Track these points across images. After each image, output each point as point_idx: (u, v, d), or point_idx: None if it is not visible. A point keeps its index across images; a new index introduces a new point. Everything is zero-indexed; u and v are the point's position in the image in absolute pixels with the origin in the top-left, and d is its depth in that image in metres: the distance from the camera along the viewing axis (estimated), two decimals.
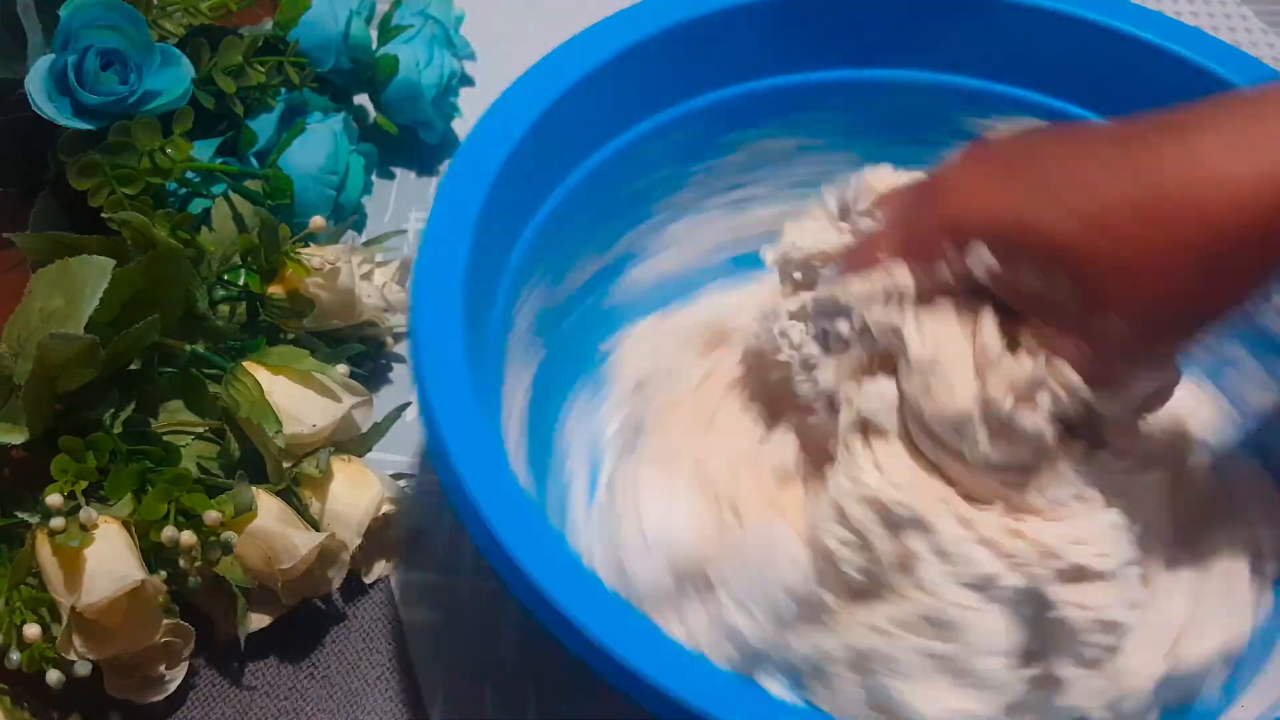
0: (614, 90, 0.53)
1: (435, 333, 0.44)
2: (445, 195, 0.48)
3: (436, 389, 0.42)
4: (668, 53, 0.54)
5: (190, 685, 0.50)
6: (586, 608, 0.37)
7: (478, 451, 0.41)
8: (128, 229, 0.51)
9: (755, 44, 0.55)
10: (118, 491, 0.47)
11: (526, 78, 0.51)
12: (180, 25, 0.59)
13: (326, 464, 0.50)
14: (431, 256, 0.46)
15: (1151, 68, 0.53)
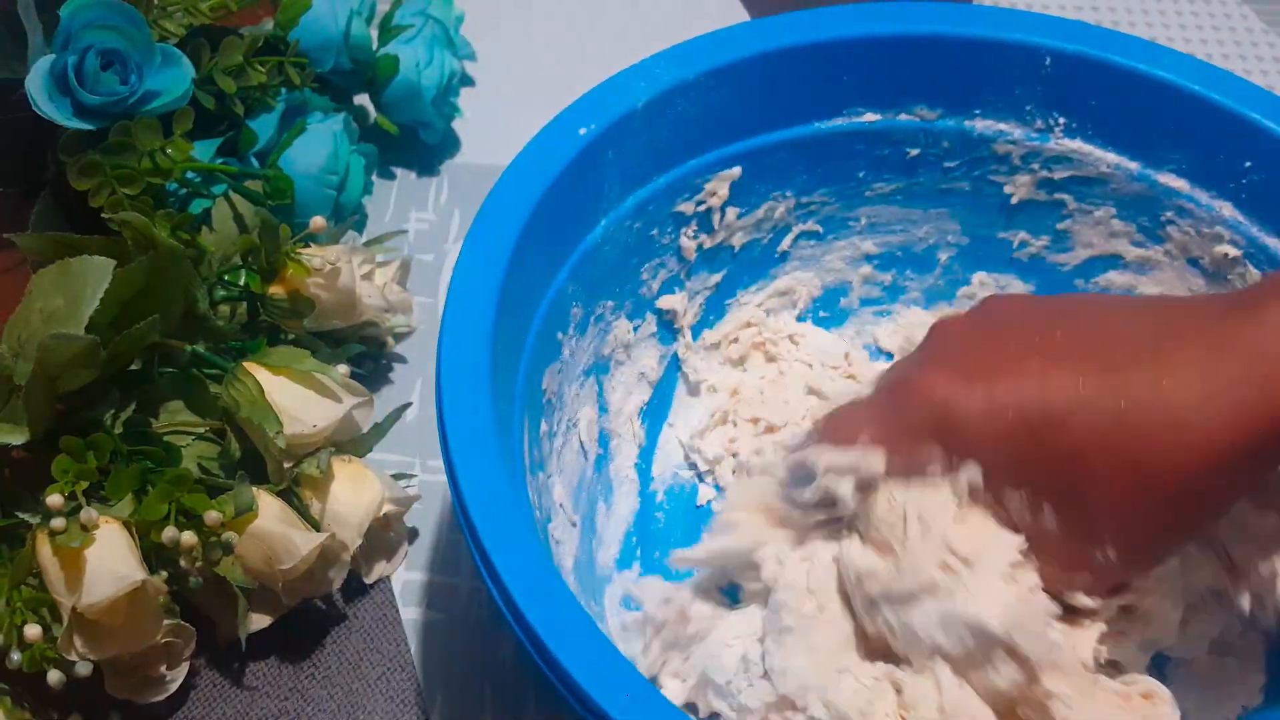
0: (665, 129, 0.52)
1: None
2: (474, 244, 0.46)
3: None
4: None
5: (191, 685, 0.50)
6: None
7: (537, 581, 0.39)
8: (128, 229, 0.51)
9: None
10: (118, 492, 0.47)
11: (563, 118, 0.50)
12: (181, 25, 0.59)
13: (327, 464, 0.50)
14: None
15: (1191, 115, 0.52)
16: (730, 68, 0.51)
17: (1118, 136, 0.53)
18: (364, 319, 0.58)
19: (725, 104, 0.52)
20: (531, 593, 0.38)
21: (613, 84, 0.50)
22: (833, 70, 0.53)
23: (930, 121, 0.54)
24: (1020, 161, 0.55)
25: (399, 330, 0.62)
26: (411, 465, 0.57)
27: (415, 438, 0.58)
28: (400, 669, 0.51)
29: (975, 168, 0.56)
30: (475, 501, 0.40)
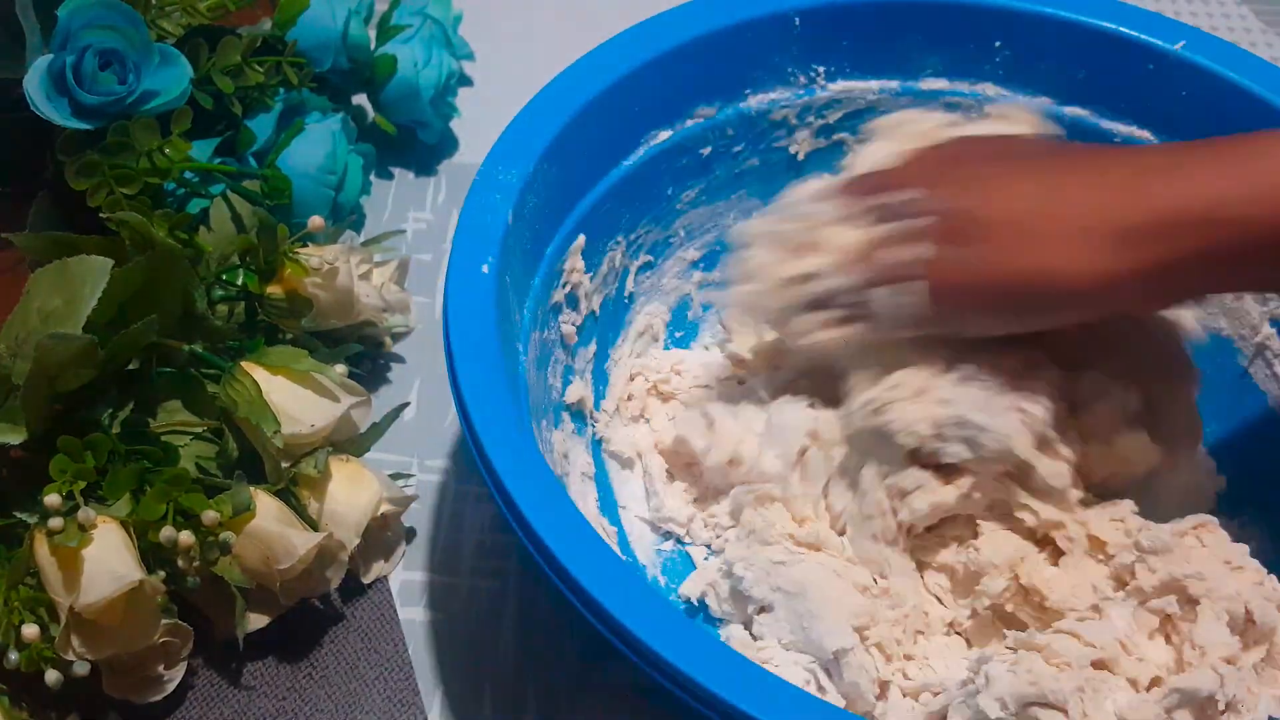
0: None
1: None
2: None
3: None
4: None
5: (189, 685, 0.50)
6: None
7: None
8: (126, 229, 0.51)
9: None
10: (116, 491, 0.47)
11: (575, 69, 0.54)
12: (179, 25, 0.59)
13: (325, 464, 0.50)
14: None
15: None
16: (551, 147, 0.52)
17: (876, 65, 0.58)
18: (362, 319, 0.58)
19: (558, 182, 0.53)
20: (537, 501, 0.40)
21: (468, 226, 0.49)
22: (626, 104, 0.55)
23: (712, 117, 0.58)
24: (796, 120, 0.59)
25: (397, 330, 0.62)
26: (409, 465, 0.57)
27: (413, 437, 0.58)
28: (398, 669, 0.51)
29: (759, 141, 0.60)
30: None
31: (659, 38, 0.55)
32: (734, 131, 0.58)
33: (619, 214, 0.56)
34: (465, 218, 0.48)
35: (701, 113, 0.57)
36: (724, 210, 0.61)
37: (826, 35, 0.57)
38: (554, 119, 0.52)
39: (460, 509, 0.56)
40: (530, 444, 0.42)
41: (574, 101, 0.53)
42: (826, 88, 0.58)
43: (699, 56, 0.56)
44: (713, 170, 0.59)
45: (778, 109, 0.58)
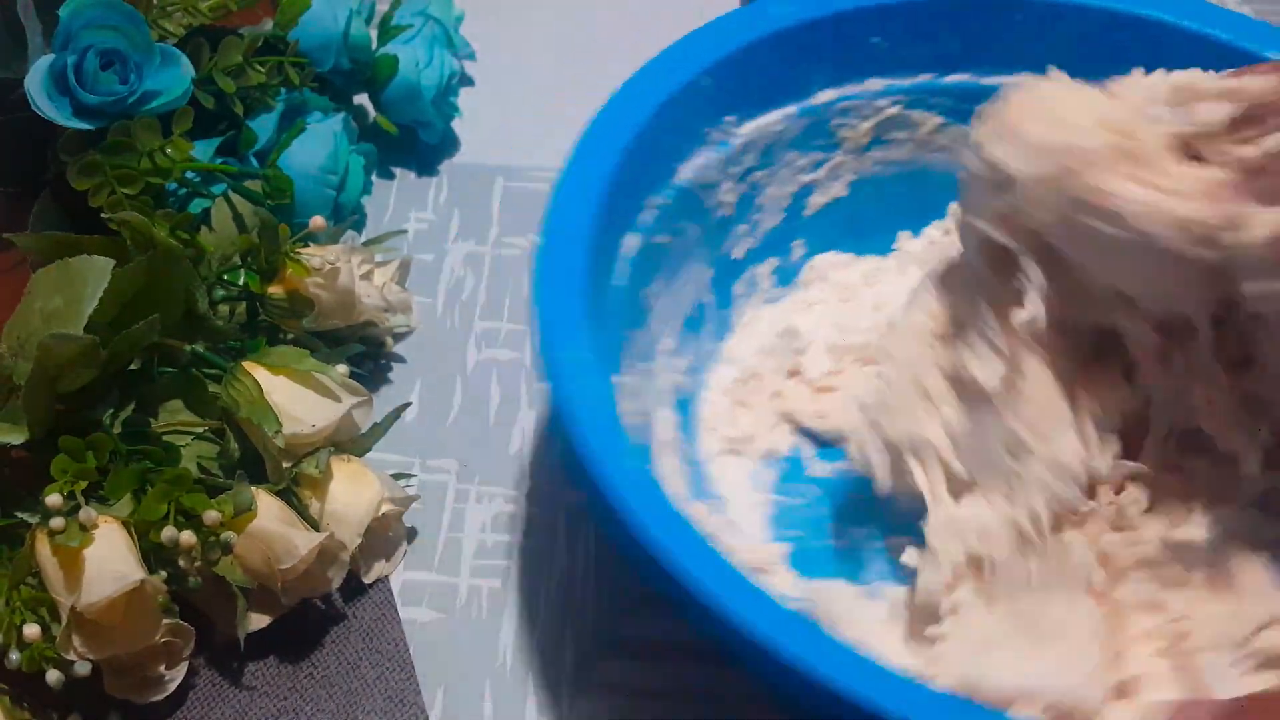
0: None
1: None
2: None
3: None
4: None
5: (190, 685, 0.50)
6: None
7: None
8: (128, 229, 0.51)
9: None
10: (117, 491, 0.47)
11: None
12: (180, 25, 0.59)
13: (326, 464, 0.50)
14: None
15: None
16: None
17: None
18: (363, 319, 0.58)
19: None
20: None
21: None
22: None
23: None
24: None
25: (398, 330, 0.62)
26: (411, 465, 0.57)
27: (415, 437, 0.58)
28: (399, 669, 0.51)
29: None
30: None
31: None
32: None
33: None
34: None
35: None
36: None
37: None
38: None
39: (462, 509, 0.56)
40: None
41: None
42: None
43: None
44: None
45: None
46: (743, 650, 0.38)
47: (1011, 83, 0.44)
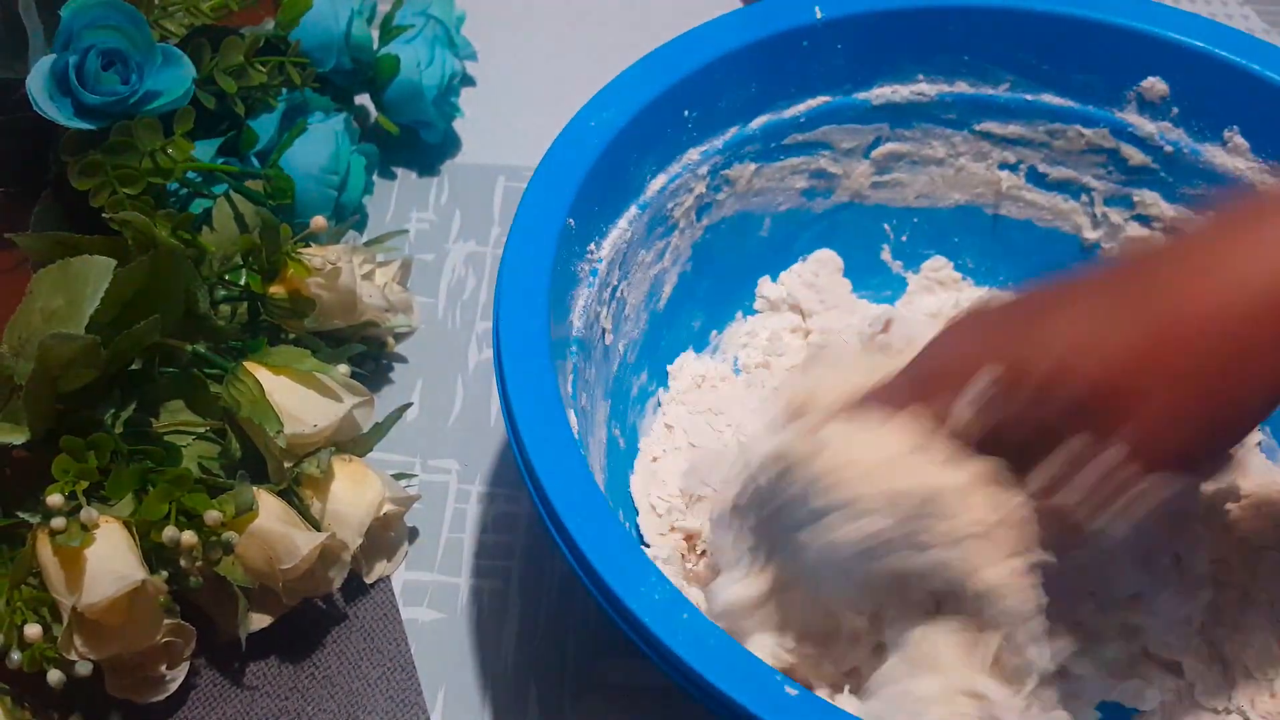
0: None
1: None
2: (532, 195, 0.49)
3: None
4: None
5: (191, 685, 0.50)
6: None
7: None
8: (129, 229, 0.51)
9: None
10: (119, 491, 0.47)
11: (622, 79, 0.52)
12: (181, 25, 0.59)
13: (327, 464, 0.50)
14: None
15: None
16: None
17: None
18: (365, 319, 0.58)
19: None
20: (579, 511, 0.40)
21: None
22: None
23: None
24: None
25: (400, 330, 0.62)
26: (412, 465, 0.57)
27: (416, 437, 0.58)
28: (400, 669, 0.51)
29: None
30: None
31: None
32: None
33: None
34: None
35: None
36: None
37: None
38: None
39: (463, 509, 0.56)
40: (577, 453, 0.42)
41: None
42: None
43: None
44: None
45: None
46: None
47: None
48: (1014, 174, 0.59)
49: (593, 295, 0.50)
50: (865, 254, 0.62)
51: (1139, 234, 0.58)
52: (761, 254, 0.61)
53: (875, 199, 0.61)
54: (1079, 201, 0.59)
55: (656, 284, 0.56)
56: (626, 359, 0.55)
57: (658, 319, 0.57)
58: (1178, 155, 0.56)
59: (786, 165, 0.58)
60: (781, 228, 0.60)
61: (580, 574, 0.40)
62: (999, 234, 0.61)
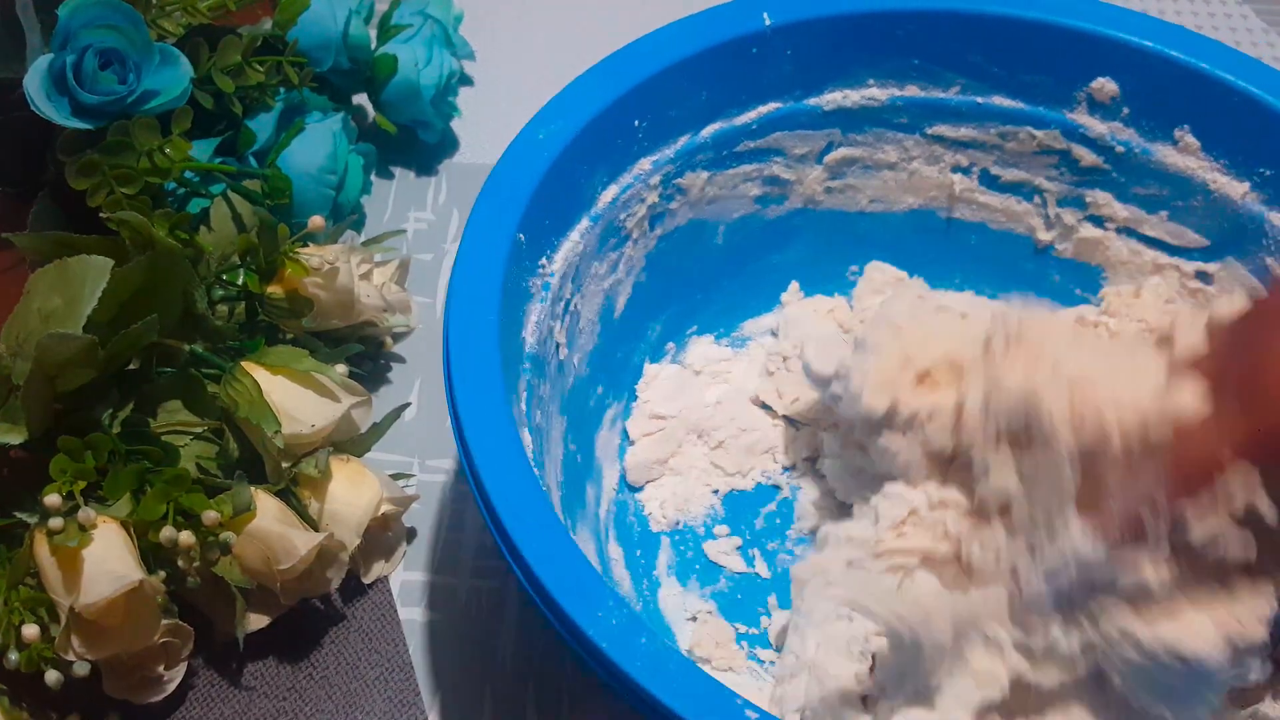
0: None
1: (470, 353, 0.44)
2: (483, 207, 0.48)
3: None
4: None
5: (189, 685, 0.50)
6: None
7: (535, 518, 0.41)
8: (126, 229, 0.51)
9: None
10: (116, 491, 0.47)
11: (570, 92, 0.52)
12: (179, 25, 0.58)
13: (325, 464, 0.50)
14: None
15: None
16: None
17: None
18: (362, 319, 0.58)
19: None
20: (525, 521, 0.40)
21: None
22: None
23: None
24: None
25: (398, 330, 0.62)
26: (410, 465, 0.57)
27: (414, 438, 0.58)
28: (399, 669, 0.51)
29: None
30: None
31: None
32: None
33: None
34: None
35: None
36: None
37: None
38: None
39: (461, 509, 0.56)
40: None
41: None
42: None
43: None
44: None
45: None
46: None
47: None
48: (967, 177, 0.59)
49: (545, 310, 0.50)
50: (821, 260, 0.62)
51: (1092, 235, 0.58)
52: (717, 262, 0.60)
53: (829, 204, 0.61)
54: (1032, 203, 0.59)
55: (611, 295, 0.56)
56: (581, 372, 0.54)
57: (613, 330, 0.56)
58: (1129, 155, 0.56)
59: (739, 173, 0.58)
60: (736, 235, 0.60)
61: (538, 602, 0.39)
62: (953, 237, 0.61)
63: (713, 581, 0.54)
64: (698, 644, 0.51)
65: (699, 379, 0.60)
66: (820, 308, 0.61)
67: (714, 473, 0.57)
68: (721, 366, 0.61)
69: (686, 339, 0.61)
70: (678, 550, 0.55)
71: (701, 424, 0.58)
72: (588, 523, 0.53)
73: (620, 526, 0.55)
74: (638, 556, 0.55)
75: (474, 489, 0.42)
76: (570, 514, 0.50)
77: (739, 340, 0.62)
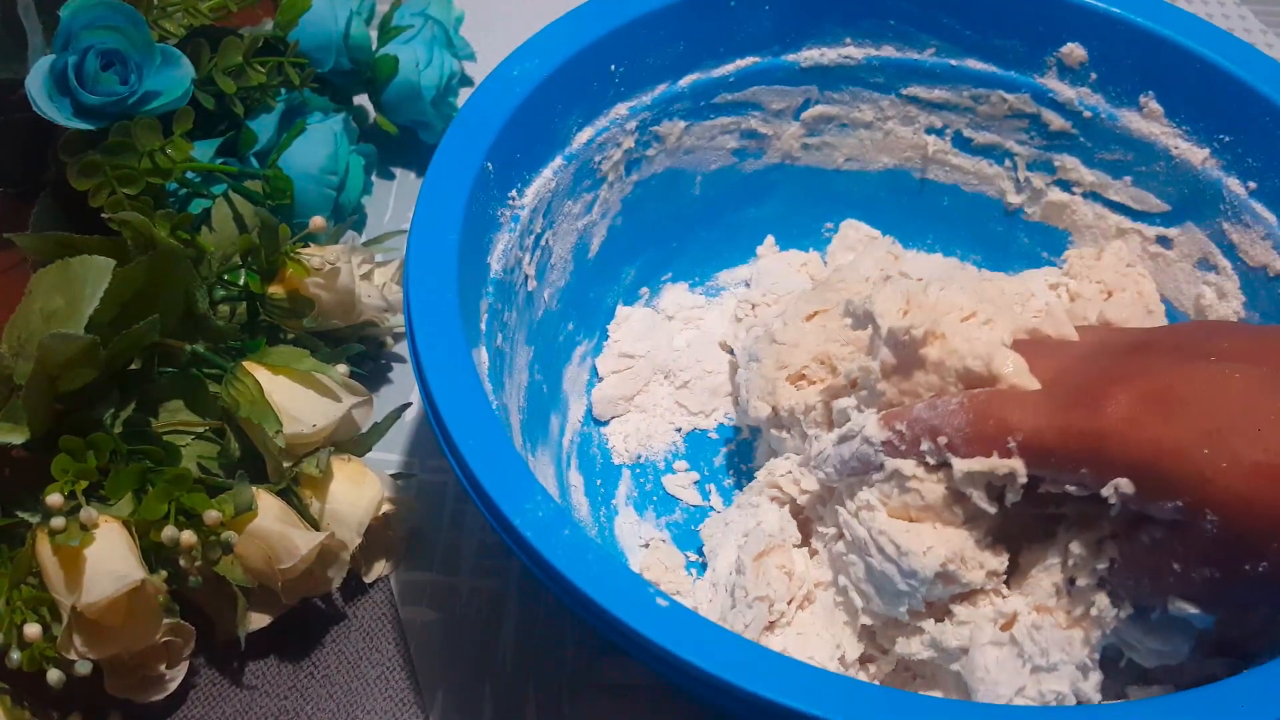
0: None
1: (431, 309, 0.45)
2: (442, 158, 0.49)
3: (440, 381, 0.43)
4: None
5: (190, 684, 0.50)
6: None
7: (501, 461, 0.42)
8: (128, 229, 0.51)
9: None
10: (118, 491, 0.47)
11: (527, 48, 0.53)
12: (180, 26, 0.59)
13: (326, 464, 0.50)
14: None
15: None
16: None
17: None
18: (363, 319, 0.58)
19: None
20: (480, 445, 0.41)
21: None
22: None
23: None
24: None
25: (398, 330, 0.62)
26: (411, 465, 0.58)
27: (415, 437, 0.58)
28: (399, 668, 0.51)
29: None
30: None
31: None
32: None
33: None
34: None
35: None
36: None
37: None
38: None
39: (461, 509, 0.56)
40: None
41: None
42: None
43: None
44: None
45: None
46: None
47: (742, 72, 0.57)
48: (940, 138, 0.60)
49: (514, 240, 0.51)
50: (796, 215, 0.63)
51: (1059, 199, 0.59)
52: (694, 212, 0.61)
53: (805, 161, 0.61)
54: (1003, 166, 0.60)
55: (585, 235, 0.57)
56: (552, 307, 0.56)
57: (587, 270, 0.58)
58: (1096, 120, 0.56)
59: (716, 124, 0.59)
60: (713, 187, 0.61)
61: (470, 491, 0.41)
62: (926, 198, 0.62)
63: (669, 513, 0.56)
64: (647, 568, 0.52)
65: (671, 324, 0.62)
66: (794, 261, 0.62)
67: (678, 411, 0.59)
68: (694, 313, 0.62)
69: (661, 285, 0.63)
70: (637, 482, 0.57)
71: (669, 365, 0.60)
72: (549, 449, 0.54)
73: (583, 457, 0.57)
74: (598, 485, 0.56)
75: (421, 389, 0.43)
76: (531, 439, 0.52)
77: (713, 289, 0.64)
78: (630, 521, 0.55)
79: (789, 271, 0.61)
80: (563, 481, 0.54)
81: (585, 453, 0.57)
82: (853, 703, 0.36)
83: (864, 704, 0.36)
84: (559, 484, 0.54)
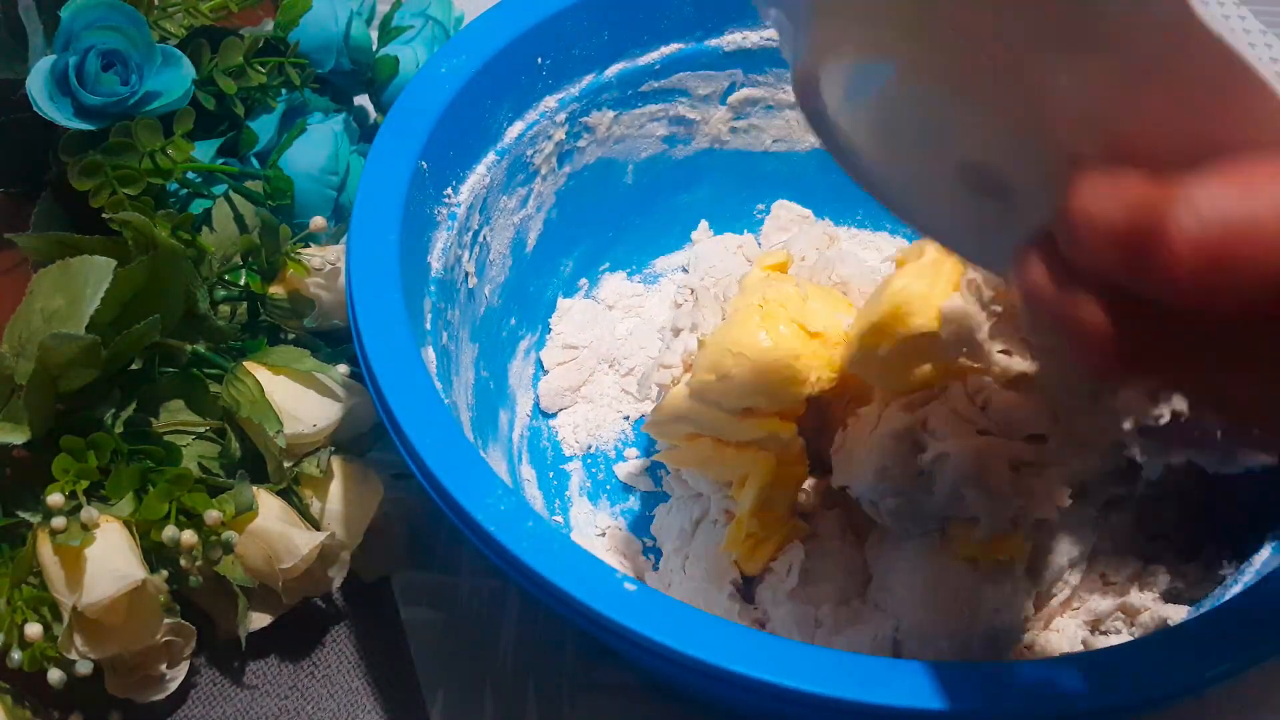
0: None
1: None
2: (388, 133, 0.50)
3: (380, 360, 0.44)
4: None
5: (191, 684, 0.50)
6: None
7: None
8: (129, 229, 0.51)
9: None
10: (119, 491, 0.47)
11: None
12: (181, 26, 0.59)
13: (327, 463, 0.50)
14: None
15: None
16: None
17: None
18: None
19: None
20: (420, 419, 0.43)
21: None
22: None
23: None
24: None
25: None
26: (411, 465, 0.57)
27: None
28: (400, 668, 0.51)
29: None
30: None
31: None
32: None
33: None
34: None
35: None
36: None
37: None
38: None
39: None
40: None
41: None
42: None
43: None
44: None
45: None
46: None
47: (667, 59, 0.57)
48: None
49: (452, 238, 0.51)
50: (729, 198, 0.64)
51: None
52: (627, 201, 0.62)
53: (734, 144, 0.62)
54: None
55: (522, 230, 0.57)
56: (494, 303, 0.56)
57: (525, 264, 0.58)
58: None
59: (645, 112, 0.59)
60: (645, 175, 0.61)
61: (429, 489, 0.41)
62: None
63: (623, 500, 0.57)
64: (605, 556, 0.53)
65: (611, 313, 0.62)
66: (729, 245, 0.62)
67: (624, 399, 0.59)
68: (634, 302, 0.63)
69: (599, 275, 0.63)
70: (590, 473, 0.57)
71: (612, 354, 0.60)
72: (500, 445, 0.55)
73: (534, 451, 0.57)
74: (550, 479, 0.57)
75: (372, 391, 0.44)
76: (482, 436, 0.52)
77: (650, 277, 0.64)
78: (585, 512, 0.56)
79: (725, 255, 0.61)
80: (515, 477, 0.55)
81: (536, 446, 0.58)
82: (829, 673, 0.36)
83: (841, 674, 0.37)
84: (512, 479, 0.54)
